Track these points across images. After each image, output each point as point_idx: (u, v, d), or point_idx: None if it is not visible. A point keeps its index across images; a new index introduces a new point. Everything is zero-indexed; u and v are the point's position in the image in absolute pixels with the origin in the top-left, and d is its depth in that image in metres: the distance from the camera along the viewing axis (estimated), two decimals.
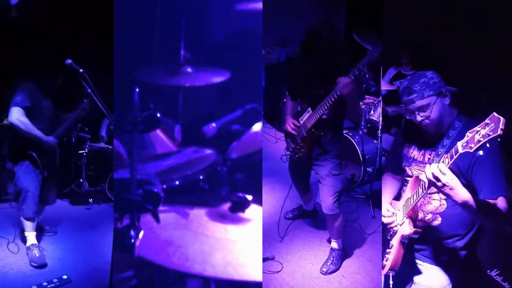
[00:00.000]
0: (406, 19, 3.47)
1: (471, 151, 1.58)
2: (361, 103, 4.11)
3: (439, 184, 1.70)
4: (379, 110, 4.12)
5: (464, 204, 1.74)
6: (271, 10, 3.59)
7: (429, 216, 2.05)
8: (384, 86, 4.24)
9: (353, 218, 3.76)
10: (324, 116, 2.83)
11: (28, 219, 3.22)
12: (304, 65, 2.90)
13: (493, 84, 2.69)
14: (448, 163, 1.68)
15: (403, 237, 2.01)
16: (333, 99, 2.70)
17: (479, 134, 1.54)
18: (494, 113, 1.52)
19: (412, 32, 3.63)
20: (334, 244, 3.18)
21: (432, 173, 1.70)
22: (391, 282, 2.13)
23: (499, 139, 1.52)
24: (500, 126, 1.48)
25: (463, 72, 2.92)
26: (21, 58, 3.38)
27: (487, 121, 1.53)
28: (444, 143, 1.93)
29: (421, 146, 2.05)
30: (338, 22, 5.57)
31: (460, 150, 1.62)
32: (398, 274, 2.11)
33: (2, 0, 3.32)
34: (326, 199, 2.99)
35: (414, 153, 2.07)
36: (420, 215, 2.07)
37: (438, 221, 2.03)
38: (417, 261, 2.14)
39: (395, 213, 2.08)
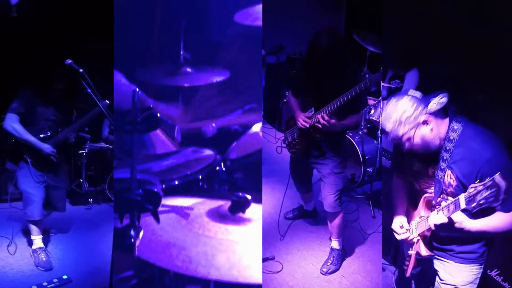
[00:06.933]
0: (407, 19, 3.47)
1: (472, 211, 1.62)
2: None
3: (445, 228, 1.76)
4: (379, 110, 4.12)
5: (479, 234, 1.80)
6: (271, 10, 3.59)
7: None
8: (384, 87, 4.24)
9: (353, 218, 3.76)
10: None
11: (32, 222, 3.19)
12: (310, 67, 2.90)
13: (494, 84, 2.68)
14: (451, 211, 1.71)
15: (418, 254, 2.01)
16: (314, 122, 2.83)
17: (481, 195, 1.55)
18: (496, 176, 1.52)
19: (412, 33, 3.62)
20: (334, 244, 3.19)
21: (435, 224, 1.78)
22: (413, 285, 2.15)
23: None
24: (501, 195, 1.51)
25: (462, 73, 2.91)
26: (21, 58, 3.38)
27: (488, 183, 1.53)
28: (444, 157, 1.84)
29: (422, 159, 1.96)
30: (338, 22, 5.57)
31: (462, 206, 1.64)
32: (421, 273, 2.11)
33: (2, 0, 3.31)
34: (328, 197, 3.00)
35: (418, 166, 1.99)
36: None
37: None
38: (441, 258, 2.08)
39: (410, 229, 2.04)
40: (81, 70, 2.77)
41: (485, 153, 1.71)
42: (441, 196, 1.87)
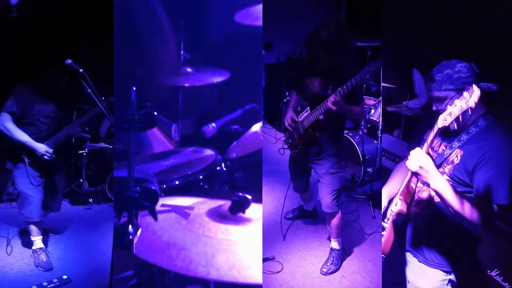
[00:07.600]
0: (407, 19, 3.47)
1: (446, 124, 1.65)
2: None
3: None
4: (379, 110, 4.12)
5: (436, 192, 1.75)
6: (270, 10, 3.59)
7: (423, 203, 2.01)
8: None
9: (353, 218, 3.76)
10: (321, 117, 2.83)
11: (30, 223, 3.17)
12: (307, 64, 2.90)
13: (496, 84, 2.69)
14: (431, 138, 1.73)
15: (393, 215, 2.01)
16: (325, 108, 2.75)
17: (455, 106, 1.60)
18: (474, 85, 1.57)
19: (413, 32, 3.63)
20: (334, 244, 3.18)
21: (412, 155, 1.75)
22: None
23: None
24: (473, 98, 1.54)
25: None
26: (21, 58, 3.38)
27: (465, 94, 1.57)
28: (462, 138, 1.85)
29: (441, 134, 1.94)
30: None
31: (439, 125, 1.67)
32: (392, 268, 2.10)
33: (2, 0, 3.31)
34: (325, 197, 3.00)
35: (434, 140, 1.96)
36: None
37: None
38: (412, 259, 2.10)
39: (392, 205, 2.04)
40: (81, 70, 2.78)
41: (496, 143, 1.75)
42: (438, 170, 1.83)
